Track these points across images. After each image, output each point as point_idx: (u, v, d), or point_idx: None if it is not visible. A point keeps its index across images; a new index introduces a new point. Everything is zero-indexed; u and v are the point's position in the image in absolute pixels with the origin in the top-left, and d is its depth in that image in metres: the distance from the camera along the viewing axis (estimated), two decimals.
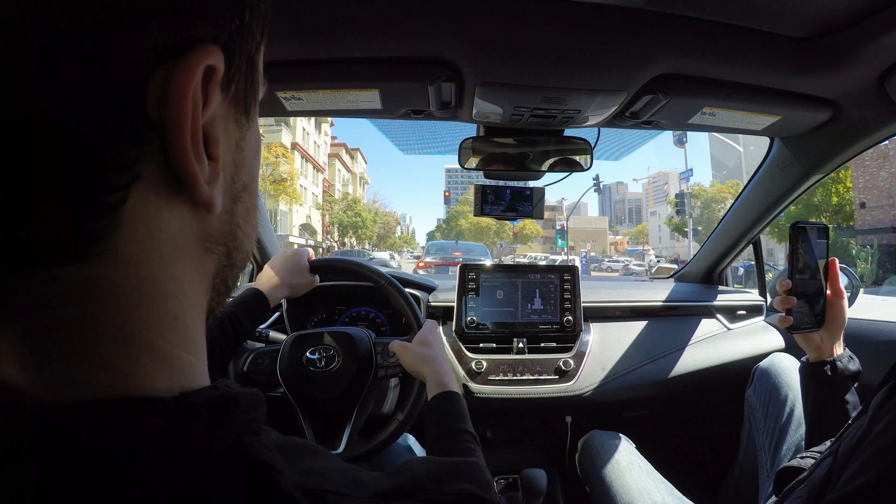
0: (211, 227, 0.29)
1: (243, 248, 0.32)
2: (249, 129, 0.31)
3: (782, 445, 1.09)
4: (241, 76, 0.28)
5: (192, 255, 0.28)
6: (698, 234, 27.69)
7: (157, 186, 0.24)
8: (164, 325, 0.26)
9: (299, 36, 0.84)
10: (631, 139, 1.97)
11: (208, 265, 0.29)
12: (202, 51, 0.23)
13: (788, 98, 1.02)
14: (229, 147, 0.28)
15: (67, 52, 0.20)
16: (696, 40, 0.85)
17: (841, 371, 0.86)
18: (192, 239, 0.27)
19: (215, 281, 0.31)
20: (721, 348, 1.53)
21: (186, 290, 0.28)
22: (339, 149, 48.06)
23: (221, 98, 0.26)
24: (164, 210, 0.25)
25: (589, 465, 1.22)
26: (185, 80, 0.23)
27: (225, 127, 0.28)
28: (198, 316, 0.29)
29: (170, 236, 0.26)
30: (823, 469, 0.58)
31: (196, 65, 0.23)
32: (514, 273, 1.52)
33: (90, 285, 0.23)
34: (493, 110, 1.09)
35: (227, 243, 0.30)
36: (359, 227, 39.58)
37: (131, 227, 0.23)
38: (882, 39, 0.79)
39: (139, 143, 0.23)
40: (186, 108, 0.23)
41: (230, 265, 0.31)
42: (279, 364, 1.05)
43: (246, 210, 0.31)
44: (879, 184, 19.93)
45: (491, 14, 0.79)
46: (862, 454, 0.50)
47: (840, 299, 0.89)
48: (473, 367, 1.37)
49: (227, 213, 0.29)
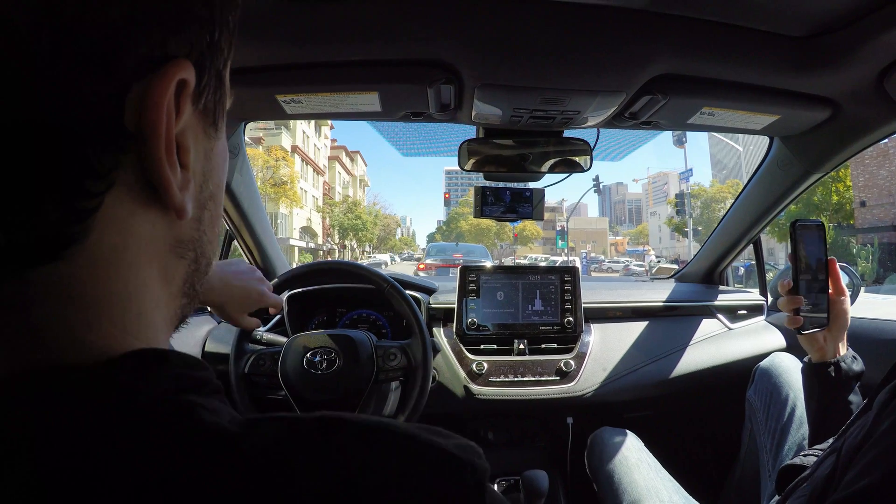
0: (182, 233, 0.30)
1: (206, 255, 0.33)
2: (217, 140, 0.32)
3: (784, 445, 1.09)
4: (211, 90, 0.29)
5: (161, 258, 0.29)
6: (698, 234, 27.66)
7: (131, 193, 0.26)
8: (127, 320, 0.27)
9: (298, 39, 0.84)
10: (630, 140, 1.96)
11: (178, 269, 0.31)
12: (176, 65, 0.25)
13: (787, 97, 1.02)
14: (199, 157, 0.30)
15: (65, 64, 0.21)
16: (694, 40, 0.85)
17: (845, 372, 0.85)
18: (162, 243, 0.29)
19: (185, 286, 0.32)
20: (722, 348, 1.53)
21: (154, 292, 0.29)
22: (339, 151, 48.05)
23: (192, 110, 0.28)
24: (137, 215, 0.26)
25: (597, 462, 1.22)
26: (160, 93, 0.24)
27: (195, 137, 0.29)
28: (162, 317, 0.30)
29: (140, 240, 0.27)
30: (826, 468, 0.58)
31: (171, 78, 0.25)
32: (514, 274, 1.52)
33: (60, 284, 0.24)
34: (492, 112, 1.09)
35: (196, 249, 0.32)
36: (359, 230, 39.57)
37: (104, 230, 0.25)
38: (880, 38, 0.79)
39: (117, 151, 0.24)
40: (161, 118, 0.25)
41: (197, 271, 0.32)
42: (280, 366, 1.05)
43: (211, 217, 0.33)
44: (879, 182, 19.90)
45: (489, 16, 0.79)
46: (867, 454, 0.50)
47: (842, 298, 0.88)
48: (474, 369, 1.37)
49: (196, 220, 0.31)
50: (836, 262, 0.89)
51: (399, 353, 1.11)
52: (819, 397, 0.88)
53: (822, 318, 0.87)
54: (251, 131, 29.05)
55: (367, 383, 1.06)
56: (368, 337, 1.12)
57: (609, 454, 1.19)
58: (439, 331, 1.48)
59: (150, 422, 0.23)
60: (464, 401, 1.35)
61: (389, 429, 0.27)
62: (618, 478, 1.12)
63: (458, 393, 1.36)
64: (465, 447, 0.27)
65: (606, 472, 1.15)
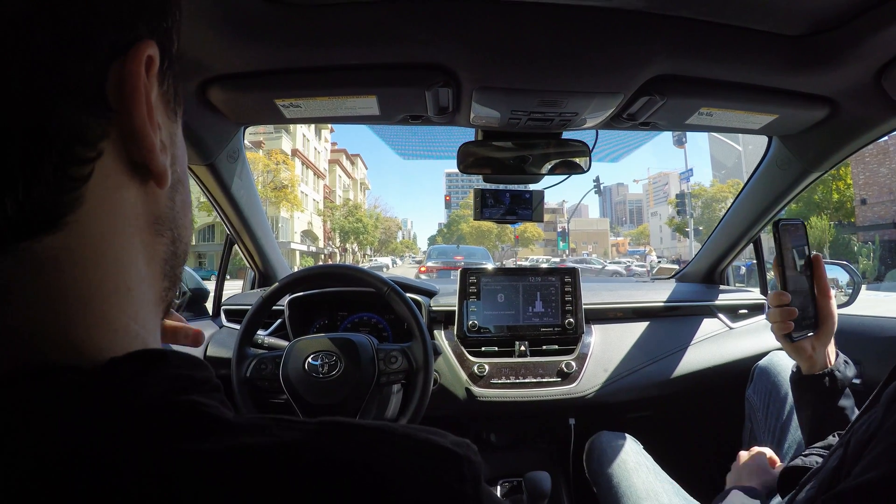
0: (160, 210, 0.31)
1: (184, 239, 0.34)
2: (178, 125, 0.34)
3: (784, 443, 1.09)
4: (171, 73, 0.32)
5: (144, 234, 0.30)
6: (699, 233, 27.63)
7: (117, 165, 0.27)
8: (119, 296, 0.28)
9: (297, 44, 0.84)
10: (629, 140, 1.97)
11: (159, 247, 0.32)
12: (144, 44, 0.27)
13: (785, 96, 1.02)
14: (167, 137, 0.32)
15: (55, 43, 0.23)
16: (691, 41, 0.85)
17: (841, 381, 0.82)
18: (144, 218, 0.30)
19: (166, 267, 0.33)
20: (723, 348, 1.52)
21: (140, 266, 0.30)
22: (339, 155, 48.15)
23: (158, 91, 0.30)
24: (122, 188, 0.28)
25: (596, 466, 1.22)
26: (136, 66, 0.27)
27: (162, 117, 0.31)
28: (151, 294, 0.31)
29: (126, 213, 0.28)
30: (834, 461, 0.58)
31: (141, 54, 0.27)
32: (514, 276, 1.52)
33: (58, 256, 0.25)
34: (490, 114, 1.10)
35: (172, 229, 0.33)
36: (360, 233, 39.61)
37: (94, 201, 0.26)
38: (878, 36, 0.79)
39: (102, 119, 0.26)
40: (140, 85, 0.27)
41: (175, 254, 0.33)
42: (282, 370, 1.06)
43: (183, 202, 0.34)
44: (880, 180, 19.89)
45: (487, 19, 0.79)
46: (875, 448, 0.50)
47: (828, 300, 0.83)
48: (476, 371, 1.37)
49: (170, 199, 0.32)
50: (821, 260, 0.84)
51: (400, 356, 1.12)
52: (814, 408, 0.84)
53: (810, 321, 0.83)
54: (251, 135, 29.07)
55: (369, 386, 1.06)
56: (369, 340, 1.12)
57: (608, 458, 1.19)
58: (440, 333, 1.48)
59: (152, 420, 0.24)
60: (465, 403, 1.35)
61: (387, 429, 0.27)
62: (617, 482, 1.12)
63: (460, 395, 1.36)
64: (461, 443, 0.28)
65: (606, 477, 1.15)
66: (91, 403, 0.23)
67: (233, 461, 0.23)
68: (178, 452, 0.22)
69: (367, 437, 0.26)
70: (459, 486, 0.26)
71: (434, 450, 0.27)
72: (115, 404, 0.24)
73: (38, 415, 0.22)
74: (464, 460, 0.27)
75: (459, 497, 0.25)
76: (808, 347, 0.83)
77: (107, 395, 0.24)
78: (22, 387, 0.23)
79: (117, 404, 0.24)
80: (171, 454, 0.22)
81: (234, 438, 0.24)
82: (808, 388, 0.85)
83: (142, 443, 0.22)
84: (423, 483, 0.25)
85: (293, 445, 0.25)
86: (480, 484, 0.27)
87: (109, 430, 0.23)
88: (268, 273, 1.72)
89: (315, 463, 0.24)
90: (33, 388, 0.23)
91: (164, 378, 0.26)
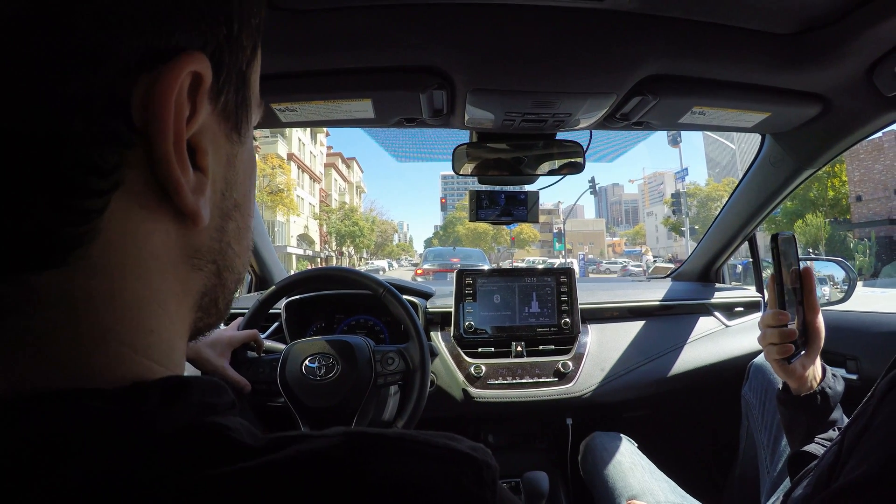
0: (199, 242, 0.28)
1: (235, 269, 0.32)
2: (242, 147, 0.30)
3: (781, 440, 1.09)
4: (232, 89, 0.28)
5: (177, 269, 0.27)
6: (695, 232, 27.69)
7: (141, 196, 0.24)
8: (139, 337, 0.25)
9: (292, 49, 0.85)
10: (623, 140, 1.97)
11: (195, 281, 0.29)
12: (187, 57, 0.23)
13: (778, 94, 1.03)
14: (219, 161, 0.28)
15: (59, 55, 0.20)
16: (683, 41, 0.85)
17: (833, 398, 0.80)
18: (176, 252, 0.27)
19: (203, 300, 0.30)
20: (719, 345, 1.53)
21: (167, 305, 0.27)
22: (335, 158, 48.11)
23: (210, 109, 0.26)
24: (148, 221, 0.25)
25: (591, 467, 1.22)
26: (168, 85, 0.23)
27: (214, 140, 0.28)
28: (178, 332, 0.29)
29: (152, 248, 0.26)
30: (831, 456, 0.58)
31: (180, 70, 0.23)
32: (510, 277, 1.53)
33: (66, 292, 0.23)
34: (484, 116, 1.10)
35: (217, 261, 0.30)
36: (356, 236, 39.59)
37: (110, 235, 0.23)
38: (868, 32, 0.80)
39: (122, 147, 0.23)
40: (169, 112, 0.23)
41: (221, 285, 0.31)
42: (279, 373, 1.05)
43: (237, 229, 0.31)
44: (875, 176, 19.99)
45: (480, 22, 0.79)
46: (865, 444, 0.51)
47: (816, 315, 0.80)
48: (472, 372, 1.37)
49: (217, 229, 0.29)
50: (812, 274, 0.80)
51: (397, 357, 1.12)
52: (807, 426, 0.81)
53: (803, 340, 0.79)
54: None
55: (366, 388, 1.06)
56: (366, 342, 1.12)
57: (603, 459, 1.20)
58: (437, 335, 1.48)
59: (179, 445, 0.23)
60: (463, 404, 1.35)
61: (407, 437, 0.26)
62: (612, 482, 1.12)
63: (457, 396, 1.36)
64: (478, 448, 0.28)
65: (601, 478, 1.16)
66: (110, 429, 0.22)
67: (264, 479, 0.22)
68: (207, 477, 0.21)
69: (391, 447, 0.25)
70: (479, 491, 0.25)
71: (454, 455, 0.26)
72: (136, 433, 0.22)
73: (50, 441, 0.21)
74: (482, 465, 0.26)
75: (479, 502, 0.25)
76: (798, 367, 0.80)
77: (127, 424, 0.22)
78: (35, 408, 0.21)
79: (139, 433, 0.22)
80: (201, 479, 0.21)
81: (260, 457, 0.23)
82: (799, 407, 0.82)
83: (170, 468, 0.21)
84: (445, 489, 0.25)
85: (322, 458, 0.24)
86: (497, 487, 0.27)
87: (135, 456, 0.21)
88: (264, 276, 1.72)
89: (347, 476, 0.23)
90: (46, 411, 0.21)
91: (188, 406, 0.25)
